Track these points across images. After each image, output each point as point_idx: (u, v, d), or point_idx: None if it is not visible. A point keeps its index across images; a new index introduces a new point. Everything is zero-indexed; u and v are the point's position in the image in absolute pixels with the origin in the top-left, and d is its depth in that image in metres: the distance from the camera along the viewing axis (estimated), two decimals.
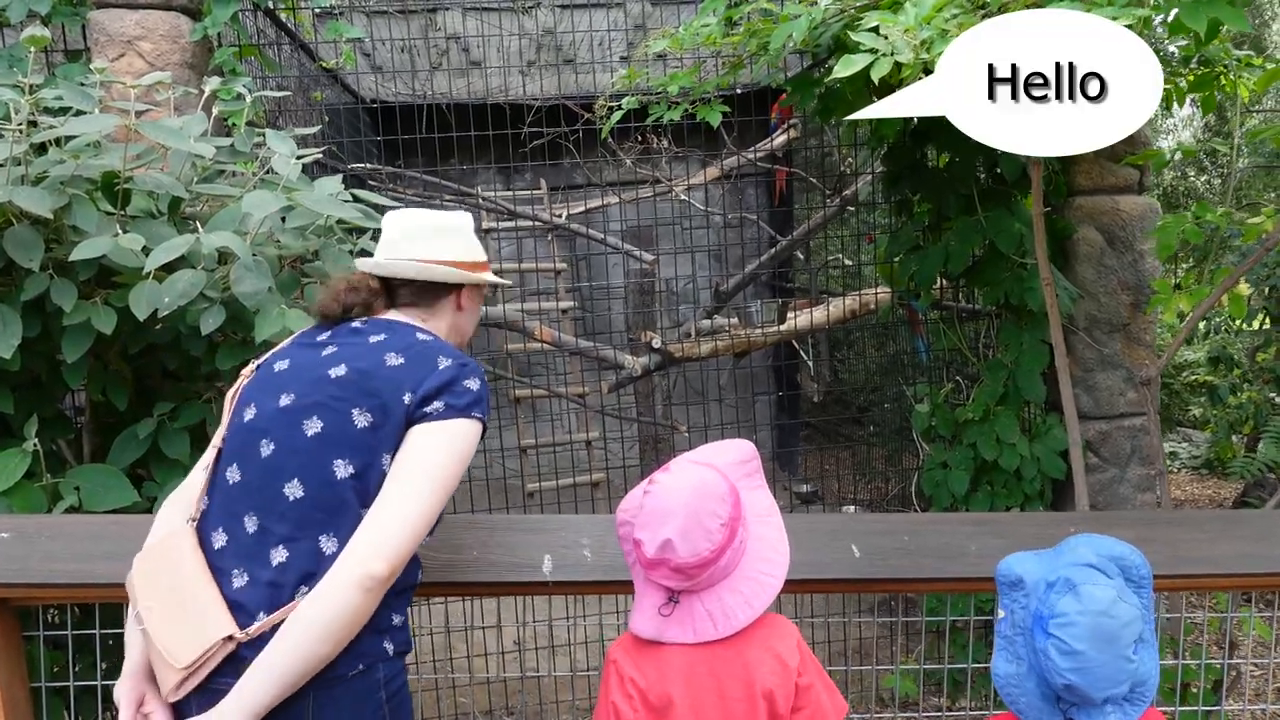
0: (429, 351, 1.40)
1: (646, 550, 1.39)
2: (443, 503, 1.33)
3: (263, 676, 1.22)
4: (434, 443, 1.33)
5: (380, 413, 1.33)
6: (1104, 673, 1.32)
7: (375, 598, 1.26)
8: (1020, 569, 1.43)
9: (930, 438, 3.39)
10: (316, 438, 1.33)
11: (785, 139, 5.33)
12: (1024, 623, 1.41)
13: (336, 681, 1.27)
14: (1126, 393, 3.26)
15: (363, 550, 1.25)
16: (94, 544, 1.73)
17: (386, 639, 1.35)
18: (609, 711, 1.45)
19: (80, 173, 1.85)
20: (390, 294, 1.51)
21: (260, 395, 1.41)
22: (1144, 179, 3.20)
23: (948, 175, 3.18)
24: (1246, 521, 2.04)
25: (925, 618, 3.27)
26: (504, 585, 1.81)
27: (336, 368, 1.38)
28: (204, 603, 1.27)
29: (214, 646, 1.24)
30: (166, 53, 2.77)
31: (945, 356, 3.72)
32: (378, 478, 1.32)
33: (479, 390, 1.39)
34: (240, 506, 1.35)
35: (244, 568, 1.31)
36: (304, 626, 1.23)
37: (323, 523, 1.30)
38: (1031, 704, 1.39)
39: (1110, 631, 1.32)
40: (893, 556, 1.86)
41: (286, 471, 1.32)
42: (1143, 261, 3.19)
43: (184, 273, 1.80)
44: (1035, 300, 3.01)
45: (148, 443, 2.06)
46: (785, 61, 4.10)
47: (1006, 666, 1.42)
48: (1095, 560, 1.39)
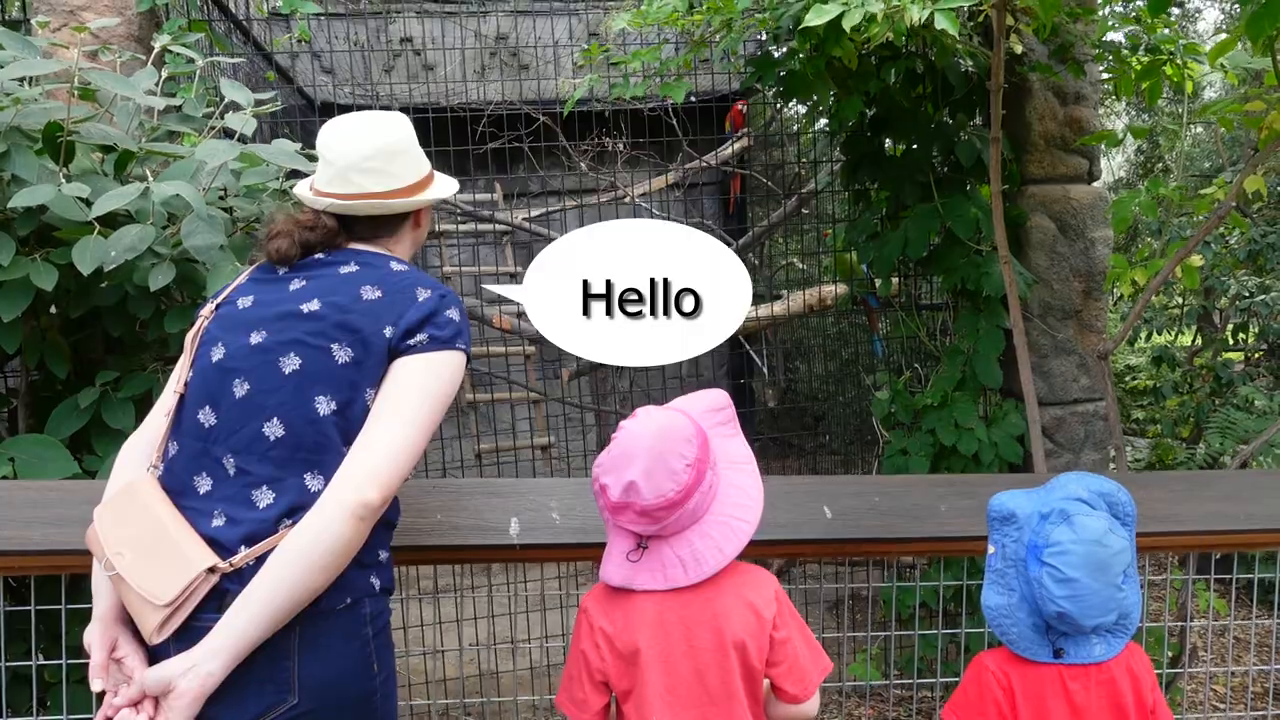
0: (406, 283, 1.36)
1: (611, 493, 1.36)
2: (429, 434, 1.30)
3: (251, 608, 1.17)
4: (420, 373, 1.30)
5: (361, 347, 1.29)
6: (1095, 600, 1.36)
7: (368, 527, 1.22)
8: (1012, 504, 1.46)
9: (890, 425, 3.41)
10: (295, 375, 1.28)
11: (736, 149, 5.38)
12: (1015, 555, 1.44)
13: (323, 615, 1.23)
14: (1080, 379, 3.32)
15: (356, 477, 1.21)
16: (31, 510, 1.64)
17: (373, 574, 1.32)
18: (579, 660, 1.41)
19: (20, 123, 1.76)
20: (346, 228, 1.45)
21: (227, 334, 1.35)
22: (1093, 168, 3.28)
23: (905, 163, 3.22)
24: (1212, 481, 2.08)
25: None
26: (469, 549, 1.75)
27: (309, 302, 1.33)
28: (179, 540, 1.22)
29: (197, 578, 1.18)
30: (111, 26, 2.67)
31: (904, 345, 3.76)
32: (361, 413, 1.28)
33: (460, 321, 1.36)
34: (218, 449, 1.29)
35: (223, 509, 1.26)
36: (295, 555, 1.18)
37: (306, 461, 1.26)
38: (1023, 634, 1.42)
39: (1102, 560, 1.36)
40: (865, 517, 1.85)
41: (265, 410, 1.28)
42: (1094, 249, 3.25)
43: (132, 226, 1.72)
44: (991, 285, 3.04)
45: (89, 413, 1.96)
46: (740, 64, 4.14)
47: (997, 598, 1.44)
48: (1086, 495, 1.44)
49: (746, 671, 1.36)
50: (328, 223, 1.43)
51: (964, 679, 1.53)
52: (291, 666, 1.21)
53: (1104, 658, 1.41)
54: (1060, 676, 1.42)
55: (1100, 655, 1.41)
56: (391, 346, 1.30)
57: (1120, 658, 1.43)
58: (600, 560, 1.49)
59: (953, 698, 1.53)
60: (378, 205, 1.42)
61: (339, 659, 1.25)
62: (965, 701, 1.50)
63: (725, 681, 1.34)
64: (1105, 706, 1.42)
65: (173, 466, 1.32)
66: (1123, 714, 1.42)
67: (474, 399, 5.28)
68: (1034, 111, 3.21)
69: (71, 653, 1.82)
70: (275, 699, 1.21)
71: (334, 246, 1.43)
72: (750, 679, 1.36)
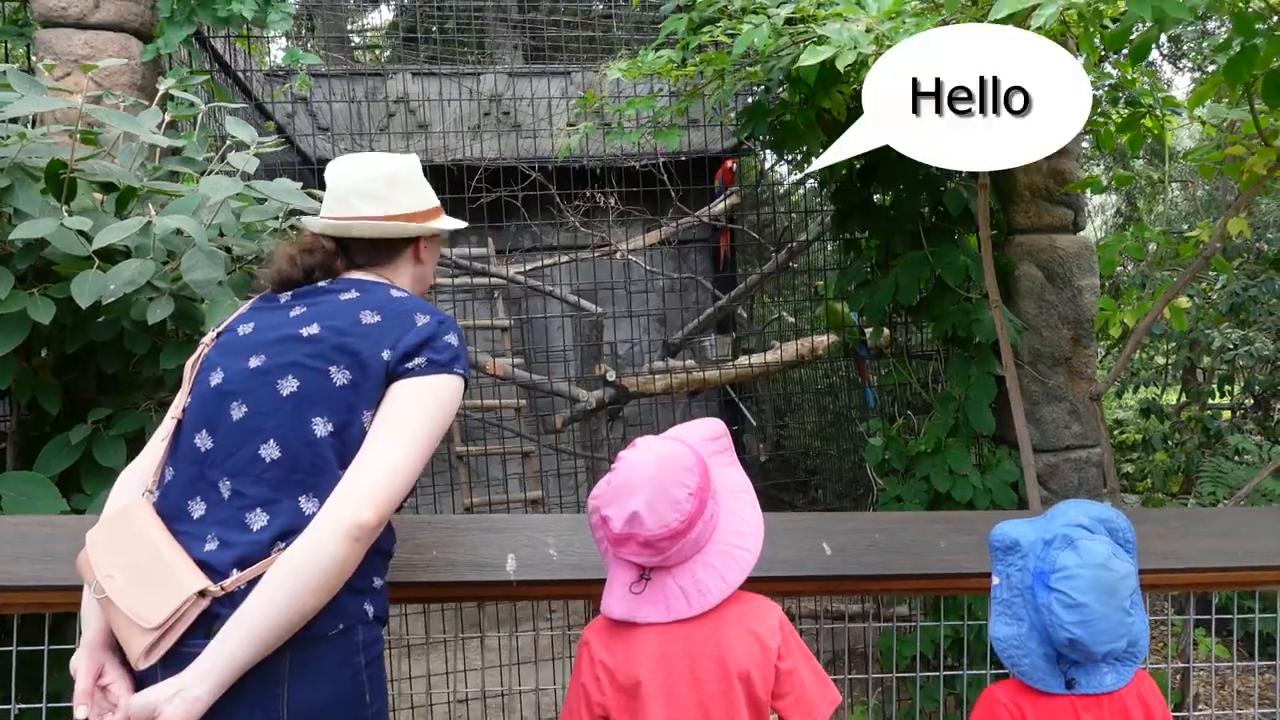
0: (405, 308, 1.37)
1: (614, 525, 1.34)
2: (426, 457, 1.29)
3: (241, 631, 1.14)
4: (419, 396, 1.29)
5: (359, 370, 1.29)
6: (1105, 625, 1.35)
7: (362, 548, 1.20)
8: (1015, 533, 1.46)
9: (884, 471, 3.40)
10: (293, 397, 1.28)
11: (727, 205, 5.46)
12: (1021, 584, 1.43)
13: (315, 641, 1.20)
14: (1072, 425, 3.33)
15: (352, 498, 1.20)
16: (19, 545, 1.60)
17: (366, 600, 1.29)
18: (579, 694, 1.38)
19: (24, 159, 1.78)
20: (345, 252, 1.46)
21: (226, 359, 1.35)
22: (1078, 219, 3.34)
23: (894, 213, 3.28)
24: (1209, 518, 2.08)
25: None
26: (465, 585, 1.72)
27: (308, 326, 1.33)
28: (171, 564, 1.20)
29: (186, 602, 1.16)
30: (115, 73, 2.72)
31: (897, 393, 3.77)
32: (358, 436, 1.27)
33: (459, 346, 1.36)
34: (214, 473, 1.28)
35: (216, 533, 1.24)
36: (287, 576, 1.16)
37: (301, 483, 1.25)
38: (1035, 665, 1.40)
39: (1109, 584, 1.36)
40: (865, 554, 1.83)
41: (262, 433, 1.27)
42: (1081, 297, 3.30)
43: (132, 261, 1.73)
44: (982, 331, 3.08)
45: (80, 450, 1.93)
46: (726, 129, 4.22)
47: (1006, 629, 1.42)
48: (1086, 521, 1.44)
49: (752, 703, 1.33)
50: (325, 245, 1.44)
51: (975, 714, 1.50)
52: (281, 694, 1.18)
53: (1115, 687, 1.39)
54: (1074, 707, 1.40)
55: (1111, 685, 1.39)
56: (390, 370, 1.30)
57: (1131, 686, 1.41)
58: (598, 597, 1.47)
59: None
60: (372, 227, 1.43)
61: (330, 686, 1.22)
62: None
63: (730, 714, 1.32)
64: None
65: (168, 492, 1.30)
66: None
67: (466, 451, 5.24)
68: None
69: (52, 697, 1.77)
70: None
71: (333, 272, 1.43)
72: (756, 711, 1.33)
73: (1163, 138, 2.93)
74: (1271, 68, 1.95)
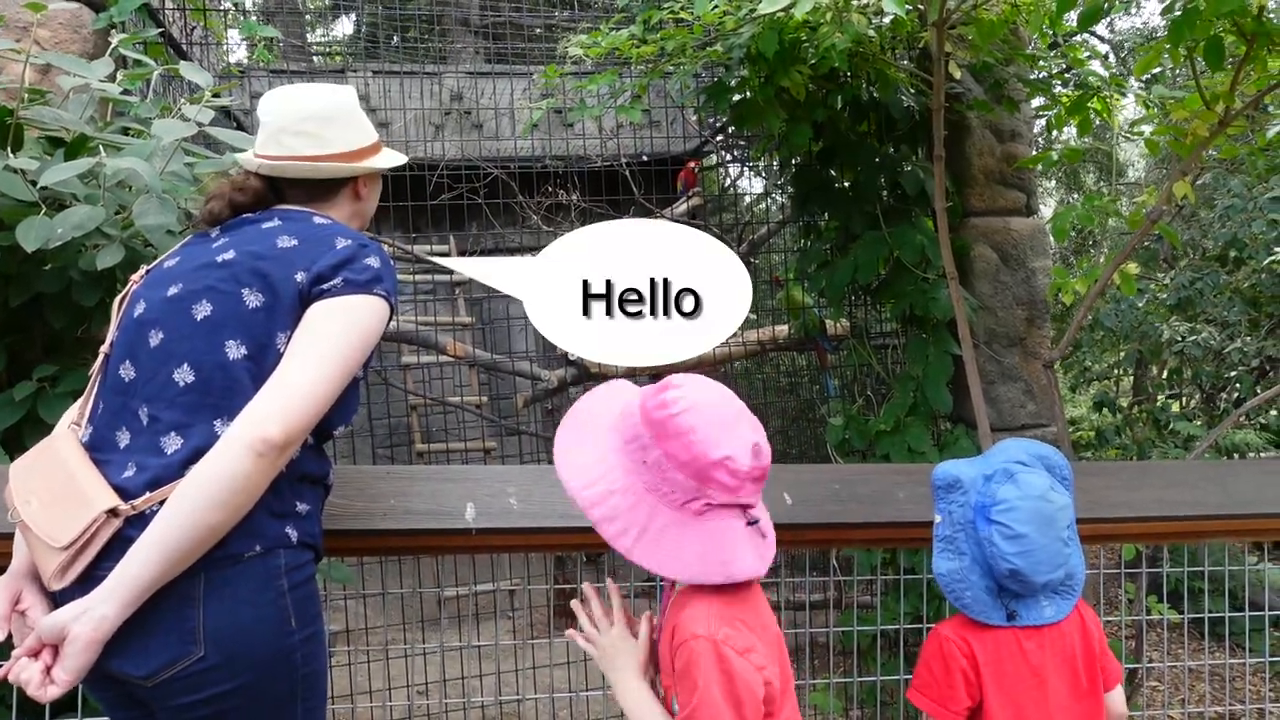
0: (326, 233, 1.33)
1: (752, 459, 1.13)
2: (344, 378, 1.24)
3: (148, 548, 1.11)
4: (332, 316, 1.25)
5: (270, 293, 1.26)
6: (1044, 555, 1.38)
7: (269, 465, 1.16)
8: (955, 471, 1.49)
9: (844, 451, 3.43)
10: (206, 321, 1.25)
11: (689, 206, 5.50)
12: (963, 518, 1.45)
13: (230, 561, 1.17)
14: (1027, 405, 3.39)
15: (256, 413, 1.17)
16: None
17: (289, 524, 1.26)
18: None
19: None
20: (278, 190, 1.43)
21: (150, 290, 1.33)
22: (1031, 202, 3.42)
23: (853, 194, 3.33)
24: (1160, 470, 2.12)
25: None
26: (423, 534, 1.69)
27: (225, 253, 1.31)
28: (84, 485, 1.17)
29: (96, 520, 1.13)
30: (66, 41, 2.67)
31: (857, 374, 3.81)
32: (274, 359, 1.24)
33: (381, 268, 1.31)
34: (135, 402, 1.25)
35: (134, 459, 1.22)
36: (191, 490, 1.13)
37: (215, 406, 1.22)
38: (977, 597, 1.43)
39: (1048, 514, 1.39)
40: (825, 503, 1.84)
41: (176, 357, 1.24)
42: (1035, 278, 3.37)
43: (81, 206, 1.69)
44: (939, 309, 3.13)
45: (25, 406, 1.88)
46: (690, 127, 4.26)
47: (948, 564, 1.45)
48: (1025, 457, 1.47)
49: None
50: (255, 184, 1.41)
51: (924, 654, 1.50)
52: (196, 615, 1.15)
53: (1055, 619, 1.43)
54: (1016, 638, 1.43)
55: (1051, 617, 1.43)
56: (303, 292, 1.27)
57: (1071, 616, 1.45)
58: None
59: (916, 677, 1.51)
60: (305, 168, 1.40)
61: (250, 610, 1.19)
62: (931, 678, 1.48)
63: None
64: (1059, 663, 1.43)
65: (97, 424, 1.28)
66: (1073, 668, 1.42)
67: (427, 449, 5.19)
68: (973, 147, 3.36)
69: None
70: (180, 651, 1.15)
71: (264, 208, 1.41)
72: None
73: (1110, 123, 3.01)
74: (1211, 34, 2.02)
